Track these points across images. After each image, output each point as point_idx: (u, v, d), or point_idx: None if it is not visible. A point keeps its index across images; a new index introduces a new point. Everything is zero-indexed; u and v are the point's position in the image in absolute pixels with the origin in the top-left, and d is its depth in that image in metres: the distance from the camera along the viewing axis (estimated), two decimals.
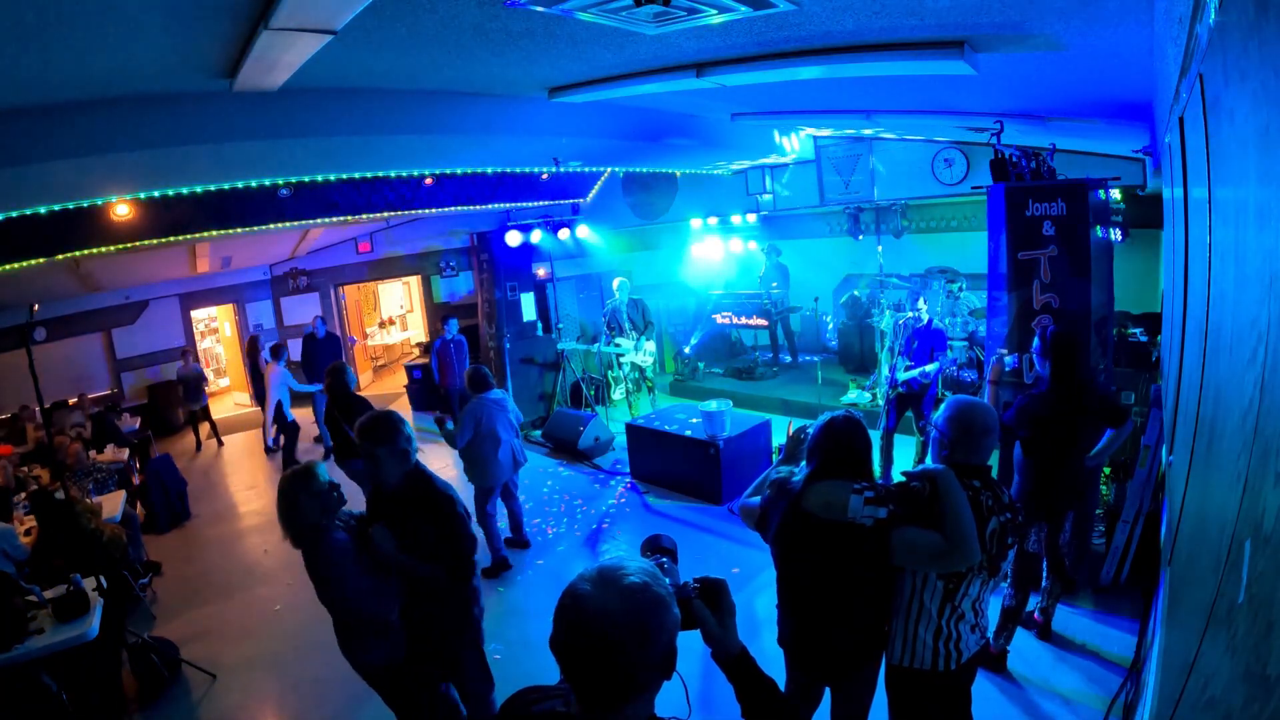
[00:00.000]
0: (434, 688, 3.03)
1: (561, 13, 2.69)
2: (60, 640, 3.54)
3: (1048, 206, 4.13)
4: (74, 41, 2.49)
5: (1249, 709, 0.90)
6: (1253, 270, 1.12)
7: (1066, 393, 3.50)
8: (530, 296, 9.23)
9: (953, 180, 7.61)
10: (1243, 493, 1.09)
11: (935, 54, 3.22)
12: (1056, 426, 3.50)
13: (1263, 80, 0.99)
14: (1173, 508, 2.48)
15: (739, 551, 5.10)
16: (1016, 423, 3.54)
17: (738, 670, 1.40)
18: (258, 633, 4.81)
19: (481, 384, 5.21)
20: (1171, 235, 3.09)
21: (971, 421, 2.31)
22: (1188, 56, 1.82)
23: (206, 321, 12.82)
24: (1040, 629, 3.90)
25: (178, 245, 7.41)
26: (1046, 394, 3.55)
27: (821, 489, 2.25)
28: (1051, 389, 3.54)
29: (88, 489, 6.08)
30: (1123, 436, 3.52)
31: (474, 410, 5.11)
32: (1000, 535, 2.23)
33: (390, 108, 4.39)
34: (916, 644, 2.28)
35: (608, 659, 1.09)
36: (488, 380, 5.24)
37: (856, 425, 2.34)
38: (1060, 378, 3.51)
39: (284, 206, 6.77)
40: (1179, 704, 1.47)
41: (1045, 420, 3.50)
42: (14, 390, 8.11)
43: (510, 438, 5.25)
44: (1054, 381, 3.53)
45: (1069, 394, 3.50)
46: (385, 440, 2.75)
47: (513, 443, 5.29)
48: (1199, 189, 1.82)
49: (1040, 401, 3.55)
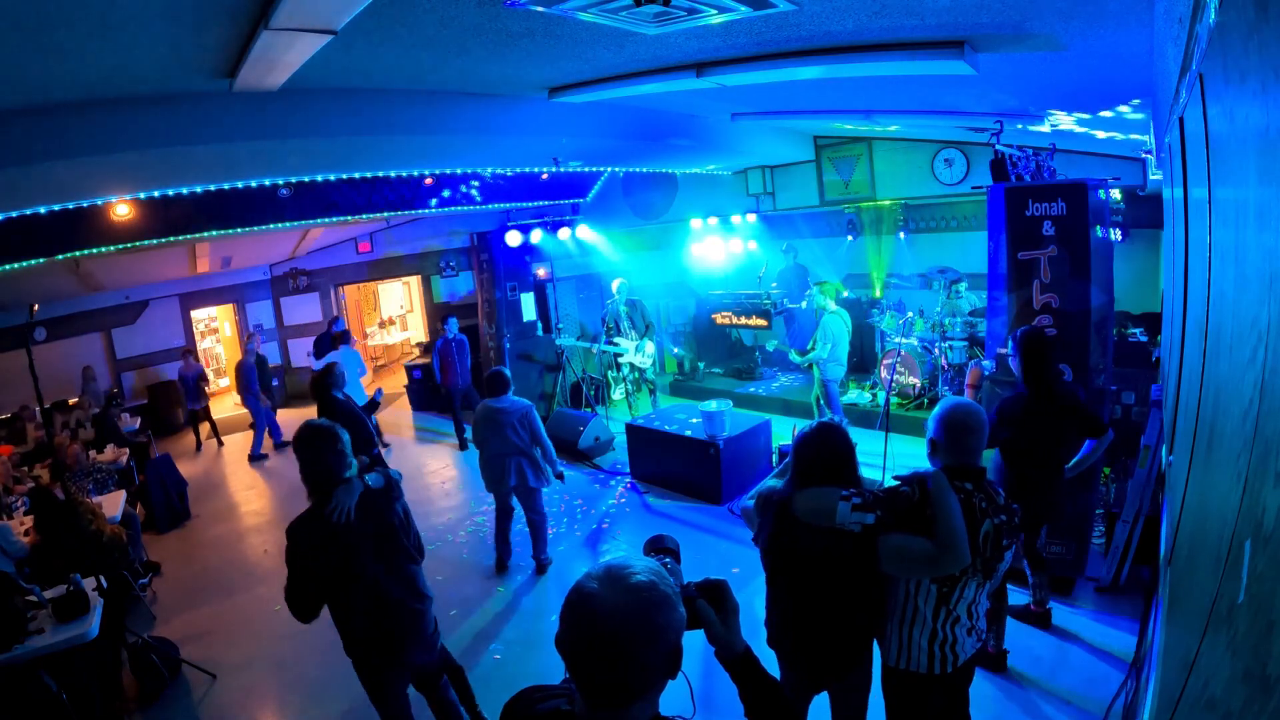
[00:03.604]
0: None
1: (561, 13, 2.70)
2: (60, 640, 3.54)
3: (1048, 206, 4.12)
4: (74, 41, 2.50)
5: (1249, 709, 0.90)
6: (1253, 270, 1.12)
7: (1038, 393, 3.49)
8: (530, 296, 9.23)
9: (953, 180, 7.62)
10: (1243, 493, 1.09)
11: (935, 54, 3.22)
12: (1031, 428, 3.47)
13: (1263, 80, 0.99)
14: (1173, 508, 2.47)
15: (739, 551, 5.11)
16: (997, 421, 3.52)
17: (742, 670, 1.40)
18: (258, 633, 4.81)
19: (489, 388, 4.99)
20: (1171, 235, 3.09)
21: (960, 422, 2.29)
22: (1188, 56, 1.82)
23: (206, 321, 12.82)
24: (1041, 619, 3.92)
25: (178, 245, 7.42)
26: (1022, 394, 3.56)
27: (809, 496, 2.23)
28: (1026, 389, 3.54)
29: (87, 489, 6.08)
30: (1102, 448, 3.54)
31: (475, 415, 5.03)
32: (995, 538, 2.20)
33: (390, 108, 4.39)
34: (912, 647, 2.27)
35: (614, 657, 1.10)
36: (493, 385, 4.98)
37: (830, 432, 2.32)
38: (1031, 377, 3.50)
39: (284, 206, 6.78)
40: (1179, 704, 1.47)
41: (1019, 420, 3.49)
42: (14, 390, 8.11)
43: (502, 449, 4.89)
44: (1025, 381, 3.53)
45: (1041, 394, 3.49)
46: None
47: (505, 458, 4.89)
48: (1199, 189, 1.82)
49: (1016, 402, 3.56)
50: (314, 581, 2.60)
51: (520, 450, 4.91)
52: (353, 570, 2.61)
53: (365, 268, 11.81)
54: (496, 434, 4.87)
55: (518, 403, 4.98)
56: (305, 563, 2.57)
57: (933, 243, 8.48)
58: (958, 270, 7.60)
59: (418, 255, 11.65)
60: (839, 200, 8.72)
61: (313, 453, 2.60)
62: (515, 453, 4.91)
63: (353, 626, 2.70)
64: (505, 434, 4.86)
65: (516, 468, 4.93)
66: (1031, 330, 3.60)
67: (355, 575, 2.62)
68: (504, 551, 5.31)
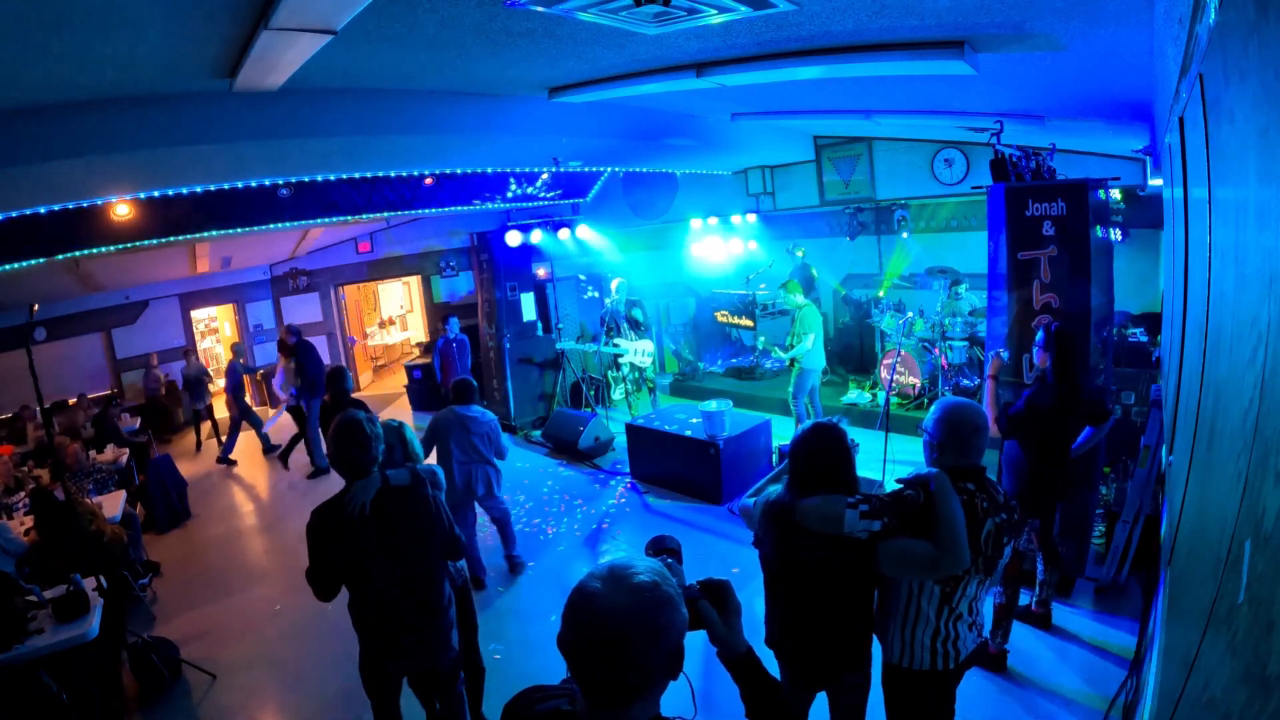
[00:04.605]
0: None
1: (562, 13, 2.70)
2: (60, 640, 3.54)
3: (1048, 206, 4.12)
4: (74, 41, 2.49)
5: (1249, 709, 0.90)
6: (1253, 270, 1.12)
7: (1066, 388, 3.59)
8: (530, 296, 9.23)
9: (953, 180, 7.61)
10: (1243, 493, 1.09)
11: (935, 54, 3.22)
12: (1053, 422, 3.59)
13: (1263, 80, 0.99)
14: (1173, 508, 2.48)
15: (739, 551, 5.11)
16: (1025, 414, 3.59)
17: (743, 670, 1.40)
18: (258, 633, 4.81)
19: (459, 396, 4.90)
20: (1171, 235, 3.09)
21: (960, 421, 2.28)
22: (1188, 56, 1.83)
23: (206, 321, 12.82)
24: (1041, 619, 3.92)
25: (178, 245, 7.41)
26: (1049, 388, 3.62)
27: (815, 505, 2.21)
28: (1053, 384, 3.61)
29: (87, 489, 6.08)
30: (1101, 434, 3.72)
31: (437, 420, 4.87)
32: (996, 536, 2.22)
33: (390, 108, 4.39)
34: (915, 646, 2.27)
35: (617, 657, 1.09)
36: (463, 393, 4.90)
37: (826, 434, 2.29)
38: (1061, 373, 3.59)
39: (284, 206, 6.77)
40: (1179, 704, 1.47)
41: (1045, 415, 3.57)
42: (14, 390, 8.11)
43: (467, 458, 4.82)
44: (1055, 376, 3.60)
45: (1068, 389, 3.59)
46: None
47: (471, 466, 4.83)
48: (1199, 189, 1.82)
49: (1043, 394, 3.63)
50: (329, 566, 2.64)
51: (487, 460, 4.90)
52: (364, 563, 2.63)
53: (365, 268, 11.81)
54: (464, 442, 4.81)
55: (486, 414, 4.94)
56: (321, 548, 2.62)
57: (933, 243, 8.48)
58: (958, 270, 7.60)
59: (418, 255, 11.66)
60: (839, 200, 8.72)
61: (338, 444, 2.64)
62: (482, 461, 4.88)
63: (360, 615, 2.73)
64: (474, 443, 4.82)
65: (484, 476, 4.91)
66: (1061, 326, 3.70)
67: (366, 568, 2.64)
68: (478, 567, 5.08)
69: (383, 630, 2.73)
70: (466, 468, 4.85)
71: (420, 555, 2.71)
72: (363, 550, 2.61)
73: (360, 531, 2.59)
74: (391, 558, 2.65)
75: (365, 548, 2.61)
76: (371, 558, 2.62)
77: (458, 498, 4.87)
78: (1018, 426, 3.61)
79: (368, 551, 2.61)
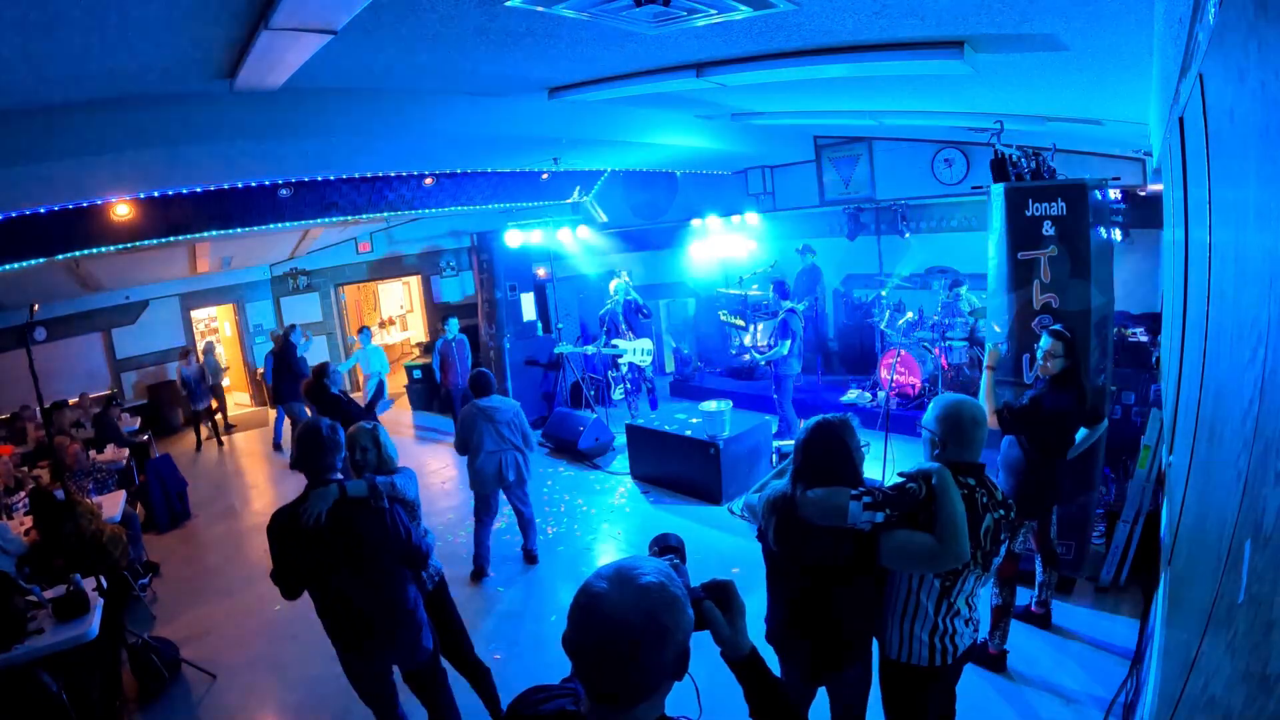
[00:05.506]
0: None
1: (562, 13, 2.70)
2: (60, 640, 3.54)
3: (1048, 206, 4.12)
4: (75, 41, 2.49)
5: (1249, 709, 0.90)
6: (1253, 270, 1.12)
7: (1072, 389, 3.59)
8: (530, 296, 9.23)
9: (953, 180, 7.62)
10: (1243, 493, 1.09)
11: (935, 54, 3.22)
12: (1056, 422, 3.58)
13: (1263, 80, 1.00)
14: (1173, 508, 2.48)
15: (739, 551, 5.11)
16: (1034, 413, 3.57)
17: (747, 670, 1.40)
18: (258, 633, 4.81)
19: (476, 389, 5.06)
20: (1171, 235, 3.09)
21: (960, 417, 2.30)
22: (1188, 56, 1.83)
23: (206, 321, 12.81)
24: (1041, 619, 3.92)
25: (178, 245, 7.40)
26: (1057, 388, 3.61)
27: (819, 496, 2.22)
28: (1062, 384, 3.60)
29: (87, 489, 6.08)
30: (1095, 435, 3.79)
31: (463, 416, 5.06)
32: (994, 532, 2.24)
33: (390, 108, 4.39)
34: (914, 641, 2.29)
35: (622, 657, 1.09)
36: (481, 385, 5.05)
37: (831, 428, 2.30)
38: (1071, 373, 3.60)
39: (284, 206, 6.76)
40: (1179, 704, 1.47)
41: (1051, 415, 3.56)
42: (14, 390, 8.11)
43: (498, 447, 4.99)
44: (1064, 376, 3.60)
45: (1074, 390, 3.59)
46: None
47: (501, 454, 5.01)
48: (1199, 189, 1.82)
49: (1052, 396, 3.61)
50: (290, 566, 2.68)
51: (515, 447, 5.06)
52: (322, 572, 2.66)
53: (365, 268, 11.81)
54: (491, 432, 4.98)
55: (507, 402, 5.13)
56: (281, 550, 2.66)
57: (933, 243, 8.48)
58: (958, 270, 7.60)
59: (418, 255, 11.65)
60: (839, 200, 8.72)
61: (299, 451, 2.70)
62: (511, 448, 5.05)
63: (325, 620, 2.76)
64: (501, 431, 4.99)
65: (514, 463, 5.06)
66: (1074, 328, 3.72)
67: (325, 576, 2.67)
68: (484, 557, 5.21)
69: (348, 634, 2.75)
70: (496, 456, 5.02)
71: (378, 565, 2.71)
72: (319, 560, 2.64)
73: (317, 541, 2.61)
74: (350, 566, 2.66)
75: (322, 558, 2.63)
76: (329, 568, 2.64)
77: (488, 488, 5.06)
78: (1022, 425, 3.60)
79: (324, 562, 2.64)
